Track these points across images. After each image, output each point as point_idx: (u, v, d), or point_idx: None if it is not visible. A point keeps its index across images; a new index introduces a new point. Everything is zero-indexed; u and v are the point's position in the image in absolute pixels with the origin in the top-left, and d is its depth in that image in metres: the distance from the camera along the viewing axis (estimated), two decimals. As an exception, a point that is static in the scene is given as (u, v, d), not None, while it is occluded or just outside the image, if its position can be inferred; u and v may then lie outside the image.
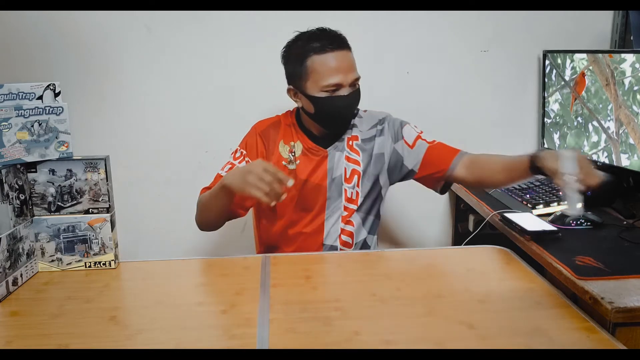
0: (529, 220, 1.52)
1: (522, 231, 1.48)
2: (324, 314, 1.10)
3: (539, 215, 1.60)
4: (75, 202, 1.31)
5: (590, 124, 1.86)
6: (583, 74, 1.87)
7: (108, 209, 1.32)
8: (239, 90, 2.07)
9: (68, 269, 1.34)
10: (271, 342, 1.01)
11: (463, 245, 1.83)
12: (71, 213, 1.32)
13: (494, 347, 0.97)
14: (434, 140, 1.57)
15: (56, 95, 1.29)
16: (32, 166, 1.29)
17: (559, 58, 1.99)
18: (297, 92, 1.51)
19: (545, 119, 2.10)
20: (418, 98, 2.12)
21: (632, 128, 1.68)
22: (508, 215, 1.58)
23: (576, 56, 1.90)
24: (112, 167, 1.34)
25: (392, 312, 1.12)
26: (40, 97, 1.27)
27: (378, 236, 1.67)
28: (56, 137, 1.29)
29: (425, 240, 2.25)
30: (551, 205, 1.68)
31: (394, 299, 1.17)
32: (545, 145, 2.11)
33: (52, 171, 1.30)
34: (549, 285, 1.22)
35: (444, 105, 2.15)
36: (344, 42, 1.47)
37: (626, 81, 1.69)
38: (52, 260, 1.33)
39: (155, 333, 1.05)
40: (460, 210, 2.13)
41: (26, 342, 1.03)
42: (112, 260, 1.34)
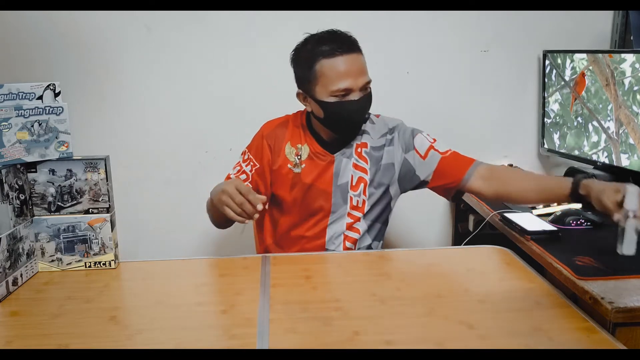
0: (529, 220, 1.52)
1: (522, 231, 1.48)
2: (324, 314, 1.10)
3: (539, 215, 1.60)
4: (75, 202, 1.31)
5: (590, 124, 1.86)
6: (583, 74, 1.87)
7: (108, 209, 1.32)
8: (239, 90, 2.07)
9: (68, 269, 1.34)
10: (271, 342, 1.01)
11: (463, 245, 1.83)
12: (71, 213, 1.32)
13: (494, 347, 0.97)
14: (448, 150, 1.52)
15: (56, 95, 1.29)
16: (32, 166, 1.29)
17: (559, 58, 1.99)
18: (306, 96, 1.47)
19: (545, 119, 2.10)
20: (418, 98, 2.13)
21: (632, 128, 1.68)
22: (508, 215, 1.58)
23: (576, 56, 1.90)
24: (112, 167, 1.34)
25: (392, 312, 1.11)
26: (40, 97, 1.27)
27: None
28: (56, 137, 1.29)
29: (425, 240, 2.25)
30: (551, 205, 1.68)
31: (394, 299, 1.17)
32: (545, 146, 2.11)
33: (52, 171, 1.30)
34: (549, 285, 1.22)
35: (444, 105, 2.15)
36: (354, 44, 1.42)
37: (626, 81, 1.69)
38: (52, 260, 1.33)
39: (155, 333, 1.05)
40: (460, 210, 2.13)
41: (26, 342, 1.03)
42: (112, 260, 1.34)
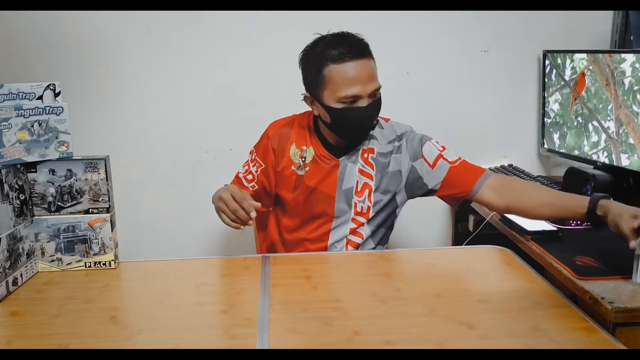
0: (529, 220, 1.52)
1: (522, 231, 1.48)
2: (324, 314, 1.10)
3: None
4: (75, 202, 1.31)
5: (590, 124, 1.86)
6: (583, 74, 1.87)
7: (108, 209, 1.32)
8: (239, 90, 2.07)
9: (68, 269, 1.34)
10: (271, 342, 1.01)
11: (463, 245, 1.83)
12: (71, 213, 1.32)
13: (494, 347, 0.97)
14: (457, 159, 1.47)
15: (56, 95, 1.29)
16: (32, 166, 1.29)
17: (559, 58, 1.99)
18: (313, 100, 1.44)
19: (545, 119, 2.10)
20: (418, 98, 2.13)
21: (632, 128, 1.68)
22: (508, 215, 1.58)
23: (576, 56, 1.90)
24: (112, 167, 1.34)
25: (392, 312, 1.11)
26: (40, 97, 1.27)
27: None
28: (56, 137, 1.29)
29: (425, 241, 2.25)
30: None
31: (394, 299, 1.17)
32: (545, 146, 2.11)
33: (52, 171, 1.30)
34: (549, 285, 1.22)
35: (444, 105, 2.15)
36: (365, 49, 1.38)
37: (626, 81, 1.69)
38: (52, 260, 1.33)
39: (155, 333, 1.05)
40: (460, 211, 2.13)
41: (26, 342, 1.03)
42: (112, 260, 1.34)
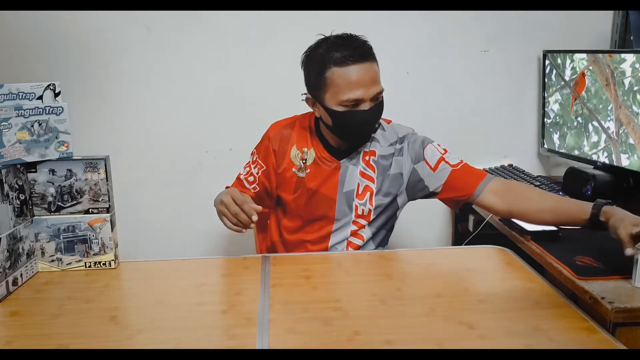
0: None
1: (522, 231, 1.48)
2: (324, 314, 1.10)
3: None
4: (75, 202, 1.31)
5: (590, 124, 1.86)
6: (583, 74, 1.87)
7: (108, 209, 1.32)
8: (239, 90, 2.07)
9: (68, 269, 1.34)
10: (271, 342, 1.01)
11: (463, 245, 1.83)
12: (71, 213, 1.32)
13: (494, 347, 0.97)
14: (459, 162, 1.47)
15: (56, 95, 1.29)
16: (32, 166, 1.29)
17: (559, 58, 1.99)
18: (315, 102, 1.43)
19: (545, 119, 2.10)
20: (418, 98, 2.13)
21: (632, 128, 1.68)
22: (508, 215, 1.58)
23: (576, 56, 1.90)
24: (112, 167, 1.34)
25: (392, 312, 1.12)
26: (40, 97, 1.27)
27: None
28: (56, 137, 1.29)
29: (425, 241, 2.25)
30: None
31: (394, 299, 1.17)
32: (545, 146, 2.11)
33: (52, 171, 1.30)
34: (549, 285, 1.22)
35: (444, 105, 2.15)
36: (368, 52, 1.37)
37: (626, 81, 1.69)
38: (52, 260, 1.33)
39: (155, 333, 1.05)
40: (460, 211, 2.13)
41: (26, 342, 1.03)
42: (112, 260, 1.34)
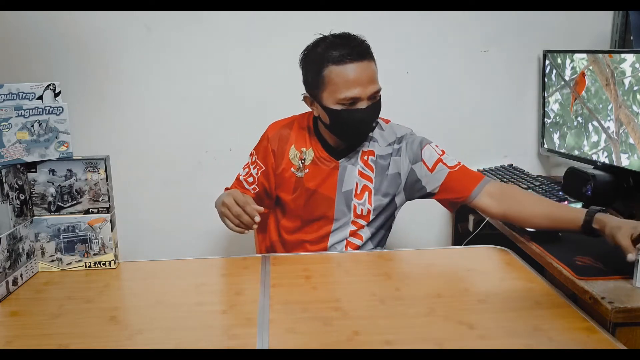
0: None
1: (522, 231, 1.48)
2: (324, 314, 1.10)
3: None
4: (75, 202, 1.31)
5: (590, 124, 1.86)
6: (583, 74, 1.87)
7: (108, 209, 1.32)
8: (239, 90, 2.07)
9: (68, 269, 1.34)
10: (271, 342, 1.01)
11: (463, 245, 1.83)
12: (71, 213, 1.32)
13: (494, 347, 0.97)
14: (457, 164, 1.47)
15: (56, 95, 1.29)
16: (32, 166, 1.29)
17: (559, 58, 1.99)
18: (313, 100, 1.44)
19: (545, 119, 2.10)
20: (418, 98, 2.13)
21: (632, 128, 1.68)
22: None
23: (576, 56, 1.90)
24: (112, 167, 1.34)
25: (392, 312, 1.12)
26: (40, 97, 1.27)
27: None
28: (56, 137, 1.29)
29: (425, 241, 2.25)
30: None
31: (394, 299, 1.17)
32: (545, 146, 2.11)
33: (52, 171, 1.30)
34: (549, 285, 1.22)
35: (443, 106, 2.15)
36: (366, 51, 1.38)
37: (626, 81, 1.69)
38: (52, 260, 1.33)
39: (155, 333, 1.05)
40: (460, 211, 2.13)
41: (26, 342, 1.03)
42: (112, 260, 1.34)
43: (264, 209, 1.34)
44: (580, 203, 1.64)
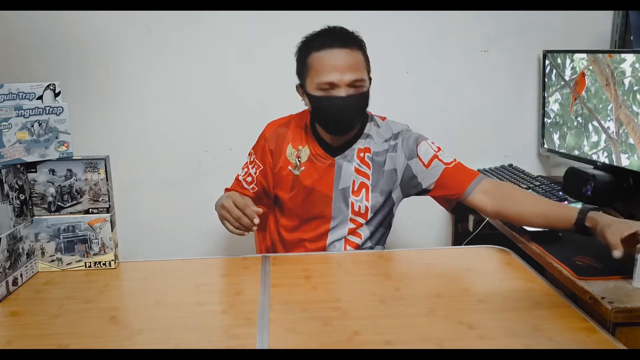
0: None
1: (522, 231, 1.48)
2: (324, 314, 1.10)
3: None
4: (75, 202, 1.31)
5: (590, 124, 1.86)
6: (583, 74, 1.87)
7: (108, 209, 1.32)
8: (239, 90, 2.07)
9: (68, 269, 1.34)
10: (271, 342, 1.01)
11: (463, 245, 1.83)
12: (71, 213, 1.32)
13: (494, 347, 0.97)
14: (452, 161, 1.47)
15: (56, 95, 1.29)
16: (32, 166, 1.29)
17: (559, 58, 1.99)
18: (303, 91, 1.47)
19: (545, 119, 2.10)
20: (418, 98, 2.12)
21: (632, 128, 1.68)
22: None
23: (576, 56, 1.90)
24: (112, 167, 1.34)
25: (392, 312, 1.12)
26: (40, 97, 1.27)
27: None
28: (56, 137, 1.29)
29: (425, 241, 2.25)
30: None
31: (394, 299, 1.17)
32: (545, 146, 2.11)
33: (52, 171, 1.30)
34: (549, 285, 1.22)
35: (443, 105, 2.15)
36: (350, 40, 1.40)
37: (626, 81, 1.69)
38: (52, 260, 1.33)
39: (155, 333, 1.05)
40: (460, 210, 2.13)
41: (26, 342, 1.03)
42: (112, 260, 1.34)
43: (263, 209, 1.35)
44: (580, 203, 1.64)
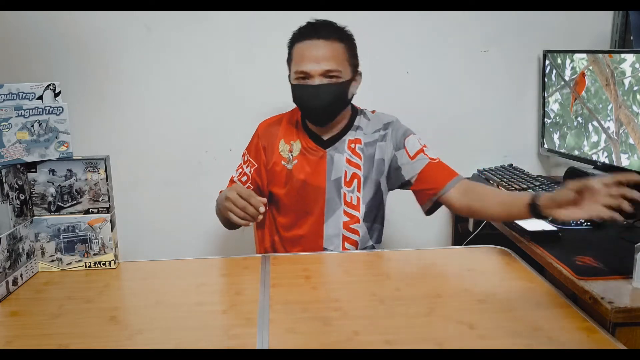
0: (529, 220, 1.52)
1: (522, 231, 1.48)
2: (324, 314, 1.10)
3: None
4: (75, 202, 1.31)
5: (590, 124, 1.86)
6: (583, 74, 1.87)
7: (108, 209, 1.32)
8: (239, 90, 2.07)
9: (68, 269, 1.34)
10: (271, 342, 1.01)
11: (463, 245, 1.83)
12: (71, 213, 1.32)
13: (494, 347, 0.97)
14: (437, 158, 1.51)
15: (56, 95, 1.29)
16: (32, 166, 1.29)
17: (559, 58, 1.99)
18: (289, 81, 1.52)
19: (545, 119, 2.10)
20: (418, 98, 2.12)
21: (632, 128, 1.68)
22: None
23: (576, 56, 1.90)
24: (112, 167, 1.33)
25: (392, 312, 1.11)
26: (40, 97, 1.27)
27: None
28: (56, 137, 1.29)
29: (425, 240, 2.25)
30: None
31: (394, 299, 1.17)
32: (545, 146, 2.11)
33: (52, 171, 1.30)
34: (549, 285, 1.22)
35: (444, 105, 2.15)
36: (331, 32, 1.45)
37: (626, 81, 1.69)
38: (52, 260, 1.33)
39: (155, 333, 1.05)
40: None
41: (26, 342, 1.03)
42: (112, 260, 1.34)
43: (266, 200, 1.36)
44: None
